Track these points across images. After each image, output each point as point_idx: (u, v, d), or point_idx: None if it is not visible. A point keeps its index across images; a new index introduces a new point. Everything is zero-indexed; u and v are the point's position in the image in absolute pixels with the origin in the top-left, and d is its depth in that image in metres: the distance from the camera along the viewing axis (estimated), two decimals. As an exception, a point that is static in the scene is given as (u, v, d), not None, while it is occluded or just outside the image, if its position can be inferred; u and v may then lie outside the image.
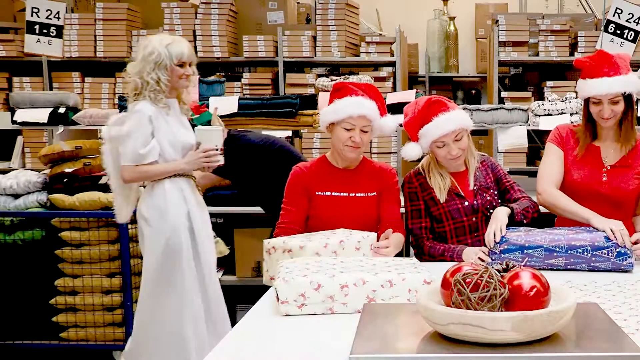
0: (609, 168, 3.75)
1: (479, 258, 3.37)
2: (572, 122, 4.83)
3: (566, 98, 5.54)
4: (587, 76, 3.62)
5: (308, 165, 3.84)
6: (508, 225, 3.52)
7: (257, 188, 5.02)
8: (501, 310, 2.14)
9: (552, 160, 3.82)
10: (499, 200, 3.81)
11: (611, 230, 3.37)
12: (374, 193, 3.77)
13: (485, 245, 3.48)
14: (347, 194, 3.72)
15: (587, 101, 3.70)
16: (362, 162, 3.83)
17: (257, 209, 5.38)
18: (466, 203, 3.73)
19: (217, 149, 4.30)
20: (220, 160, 4.32)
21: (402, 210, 3.86)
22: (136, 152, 4.15)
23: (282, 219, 3.76)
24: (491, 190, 3.81)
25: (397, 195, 3.84)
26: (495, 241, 3.41)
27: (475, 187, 3.77)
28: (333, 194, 3.72)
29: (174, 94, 4.38)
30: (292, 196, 3.77)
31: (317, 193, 3.72)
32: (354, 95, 3.62)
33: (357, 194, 3.73)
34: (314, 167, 3.81)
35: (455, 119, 3.63)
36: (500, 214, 3.55)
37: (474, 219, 3.74)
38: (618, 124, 3.73)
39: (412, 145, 3.71)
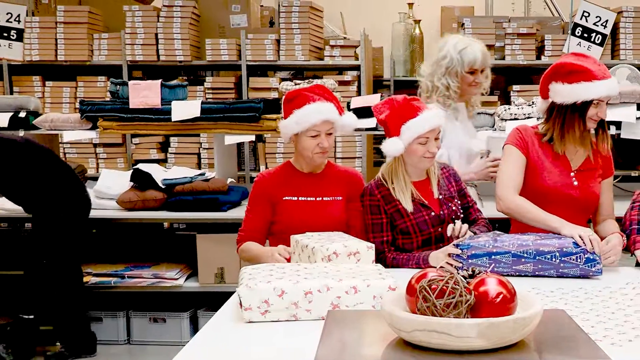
0: (575, 172, 3.71)
1: (447, 263, 3.30)
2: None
3: (533, 102, 5.52)
4: (592, 78, 3.52)
5: (272, 172, 3.80)
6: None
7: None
8: (467, 317, 2.12)
9: (513, 165, 3.71)
10: (462, 211, 3.77)
11: (580, 236, 3.34)
12: (341, 197, 3.73)
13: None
14: (314, 199, 3.69)
15: (578, 106, 3.58)
16: (327, 166, 3.80)
17: (220, 215, 5.35)
18: (432, 213, 3.65)
19: None
20: None
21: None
22: None
23: (244, 225, 3.75)
24: (455, 200, 3.76)
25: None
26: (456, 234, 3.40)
27: (440, 197, 3.70)
28: (300, 198, 3.68)
29: (463, 99, 4.39)
30: (255, 204, 3.73)
31: (284, 198, 3.68)
32: (312, 102, 3.56)
33: (324, 198, 3.70)
34: (279, 173, 3.77)
35: (440, 115, 3.61)
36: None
37: (440, 229, 3.65)
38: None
39: (394, 140, 3.57)
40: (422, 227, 3.63)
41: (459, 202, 3.77)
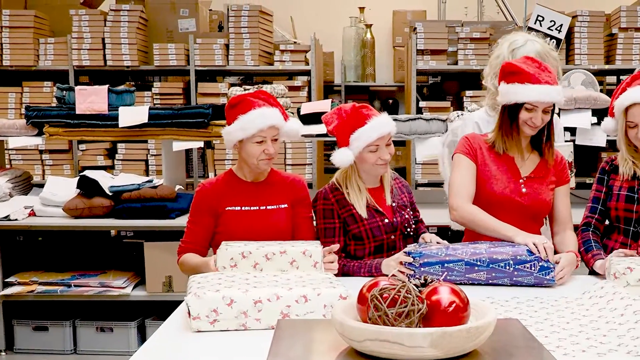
0: (525, 179, 3.68)
1: (399, 271, 3.28)
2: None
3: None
4: (525, 80, 3.48)
5: (214, 182, 3.72)
6: None
7: None
8: (419, 327, 2.10)
9: (464, 173, 3.68)
10: (414, 222, 3.76)
11: (534, 244, 3.32)
12: (286, 205, 3.68)
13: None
14: (258, 208, 3.62)
15: (511, 107, 3.57)
16: (270, 174, 3.74)
17: (168, 223, 5.29)
18: (386, 220, 3.63)
19: None
20: None
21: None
22: None
23: (185, 237, 3.68)
24: (408, 209, 3.75)
25: (310, 209, 3.76)
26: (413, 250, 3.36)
27: (394, 204, 3.69)
28: (243, 208, 3.61)
29: None
30: (197, 215, 3.66)
31: (227, 208, 3.61)
32: (257, 107, 3.51)
33: (268, 207, 3.64)
34: (221, 183, 3.70)
35: (389, 122, 3.58)
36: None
37: (392, 237, 3.64)
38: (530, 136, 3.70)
39: (343, 150, 3.55)
40: (375, 233, 3.61)
41: (412, 212, 3.77)
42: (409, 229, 3.68)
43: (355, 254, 3.65)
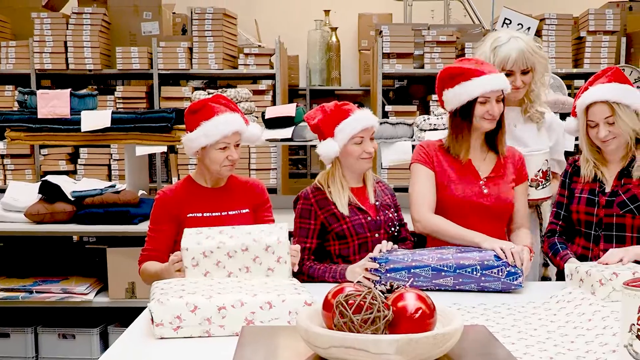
0: (485, 180, 3.68)
1: (365, 277, 3.25)
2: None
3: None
4: (470, 76, 3.51)
5: (173, 188, 3.69)
6: None
7: None
8: (385, 333, 2.08)
9: (423, 182, 3.67)
10: (399, 224, 3.75)
11: (501, 249, 3.31)
12: (247, 210, 3.66)
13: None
14: (219, 214, 3.60)
15: (464, 108, 3.58)
16: (229, 179, 3.72)
17: (131, 228, 5.24)
18: (369, 218, 3.62)
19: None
20: None
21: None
22: None
23: (147, 245, 3.64)
24: (392, 209, 3.74)
25: (271, 212, 3.76)
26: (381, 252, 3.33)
27: (377, 203, 3.67)
28: (205, 214, 3.58)
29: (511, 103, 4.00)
30: (158, 222, 3.62)
31: (188, 215, 3.58)
32: (220, 113, 3.49)
33: (230, 212, 3.62)
34: (181, 190, 3.67)
35: (373, 116, 3.61)
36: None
37: (376, 235, 3.62)
38: (484, 134, 3.69)
39: (329, 141, 3.56)
40: (358, 230, 3.58)
41: (396, 214, 3.75)
42: (393, 229, 3.67)
43: (340, 253, 3.63)
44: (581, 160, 3.67)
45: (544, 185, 3.97)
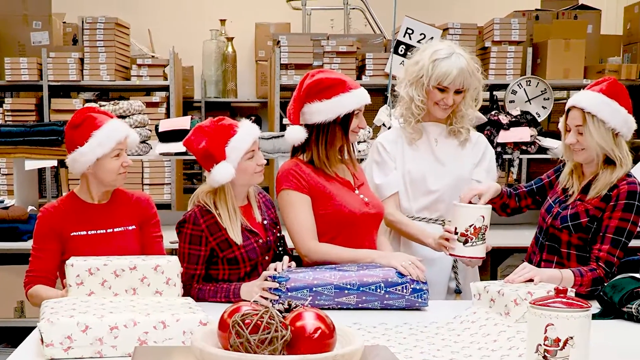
0: (358, 188, 3.64)
1: (262, 297, 3.10)
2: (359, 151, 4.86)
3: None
4: (349, 89, 3.48)
5: (56, 205, 3.55)
6: None
7: None
8: (283, 354, 2.06)
9: (300, 210, 3.51)
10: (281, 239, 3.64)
11: (402, 266, 3.26)
12: (133, 226, 3.55)
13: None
14: (104, 231, 3.49)
15: (335, 121, 3.49)
16: (114, 194, 3.58)
17: (20, 245, 5.11)
18: (260, 241, 3.45)
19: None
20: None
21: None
22: (372, 182, 3.87)
23: (31, 266, 3.48)
24: (278, 227, 3.62)
25: (159, 228, 3.65)
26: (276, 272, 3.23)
27: (265, 222, 3.53)
28: (90, 232, 3.47)
29: (432, 118, 3.88)
30: (41, 241, 3.48)
31: (72, 234, 3.46)
32: (105, 121, 3.40)
33: (115, 229, 3.50)
34: (64, 207, 3.52)
35: (255, 126, 3.45)
36: None
37: (266, 257, 3.49)
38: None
39: (223, 165, 3.28)
40: (251, 256, 3.41)
41: (277, 226, 3.63)
42: (280, 248, 3.58)
43: (229, 278, 3.45)
44: (566, 166, 3.60)
45: (474, 244, 3.49)
